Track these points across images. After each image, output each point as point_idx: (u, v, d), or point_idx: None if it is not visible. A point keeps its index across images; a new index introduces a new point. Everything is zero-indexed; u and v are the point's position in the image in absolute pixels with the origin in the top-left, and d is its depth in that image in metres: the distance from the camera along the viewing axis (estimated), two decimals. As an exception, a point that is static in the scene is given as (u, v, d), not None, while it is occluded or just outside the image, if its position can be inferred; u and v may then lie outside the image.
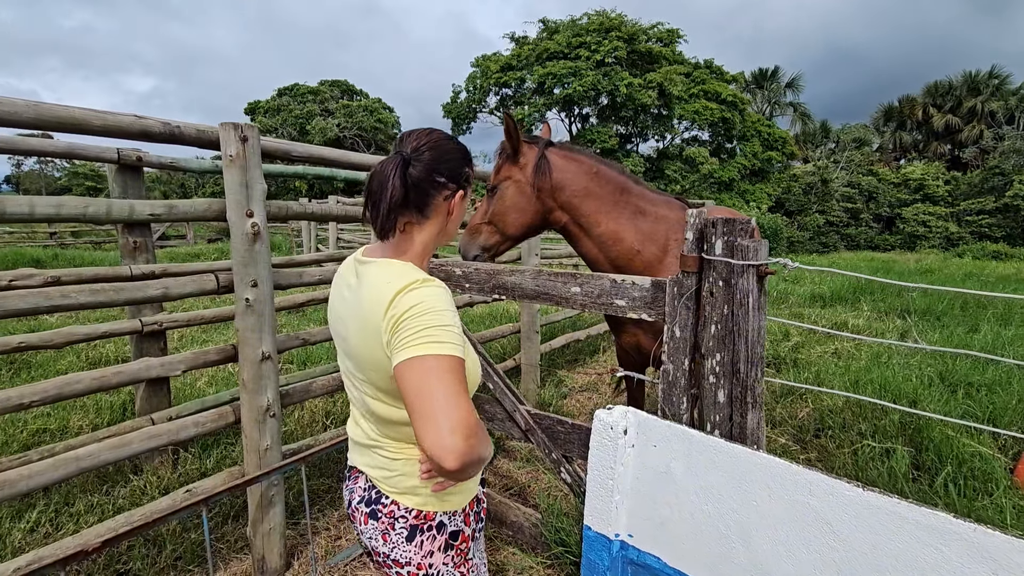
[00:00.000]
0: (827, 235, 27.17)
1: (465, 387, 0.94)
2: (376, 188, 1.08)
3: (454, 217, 1.18)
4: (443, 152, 1.12)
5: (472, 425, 0.89)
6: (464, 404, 0.91)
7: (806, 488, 1.47)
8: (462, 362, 0.96)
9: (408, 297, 0.99)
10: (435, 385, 0.91)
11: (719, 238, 1.66)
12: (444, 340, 0.95)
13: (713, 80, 25.56)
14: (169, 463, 2.80)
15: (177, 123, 1.91)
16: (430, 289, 1.01)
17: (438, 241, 1.19)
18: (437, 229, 1.15)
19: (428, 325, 0.96)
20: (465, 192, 1.17)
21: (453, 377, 0.93)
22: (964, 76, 34.01)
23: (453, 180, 1.13)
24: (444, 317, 0.98)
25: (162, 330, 2.67)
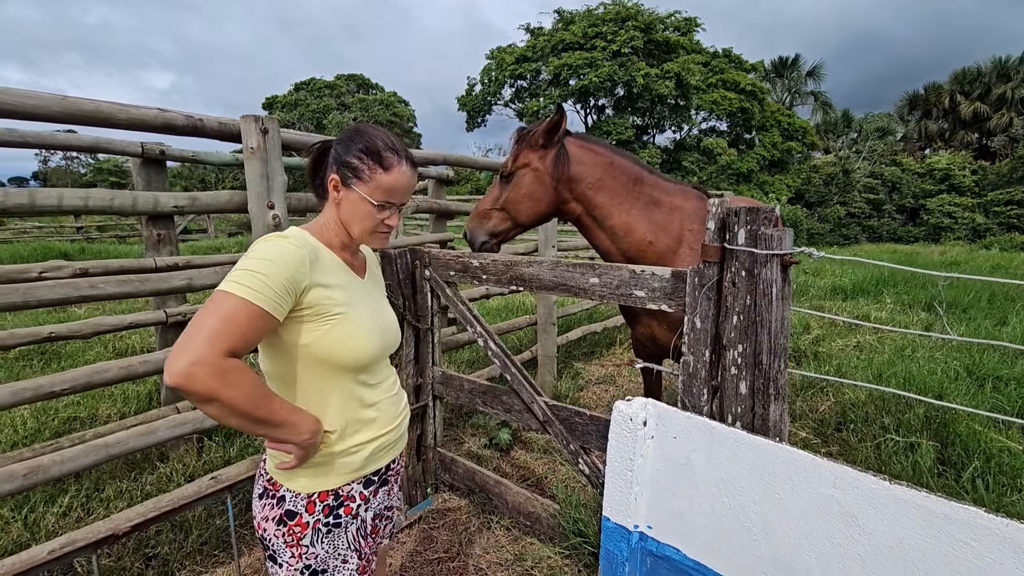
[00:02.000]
0: (848, 227, 26.65)
1: (233, 327, 0.93)
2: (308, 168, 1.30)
3: (343, 207, 1.19)
4: (345, 136, 1.20)
5: (205, 356, 0.88)
6: (207, 334, 0.90)
7: (831, 481, 1.45)
8: (248, 308, 0.95)
9: (255, 245, 1.05)
10: (202, 311, 0.93)
11: (742, 227, 1.64)
12: (237, 280, 0.97)
13: (732, 69, 25.12)
14: (194, 451, 2.86)
15: (199, 116, 1.93)
16: (270, 242, 1.06)
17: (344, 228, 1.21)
18: (332, 211, 1.21)
19: (239, 267, 1.00)
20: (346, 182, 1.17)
21: (220, 311, 0.93)
22: (993, 62, 32.94)
23: (336, 164, 1.18)
24: (256, 263, 0.99)
25: (186, 320, 2.72)
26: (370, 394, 1.26)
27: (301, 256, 1.06)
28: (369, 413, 1.25)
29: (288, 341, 1.11)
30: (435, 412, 2.83)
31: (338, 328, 1.12)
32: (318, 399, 1.17)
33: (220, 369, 0.90)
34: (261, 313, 0.97)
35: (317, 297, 1.10)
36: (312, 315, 1.10)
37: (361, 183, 1.16)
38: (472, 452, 3.31)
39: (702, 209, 2.25)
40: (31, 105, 1.57)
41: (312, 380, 1.15)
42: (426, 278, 2.69)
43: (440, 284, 2.65)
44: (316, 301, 1.10)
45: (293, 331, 1.10)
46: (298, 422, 1.08)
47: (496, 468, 3.14)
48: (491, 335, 2.55)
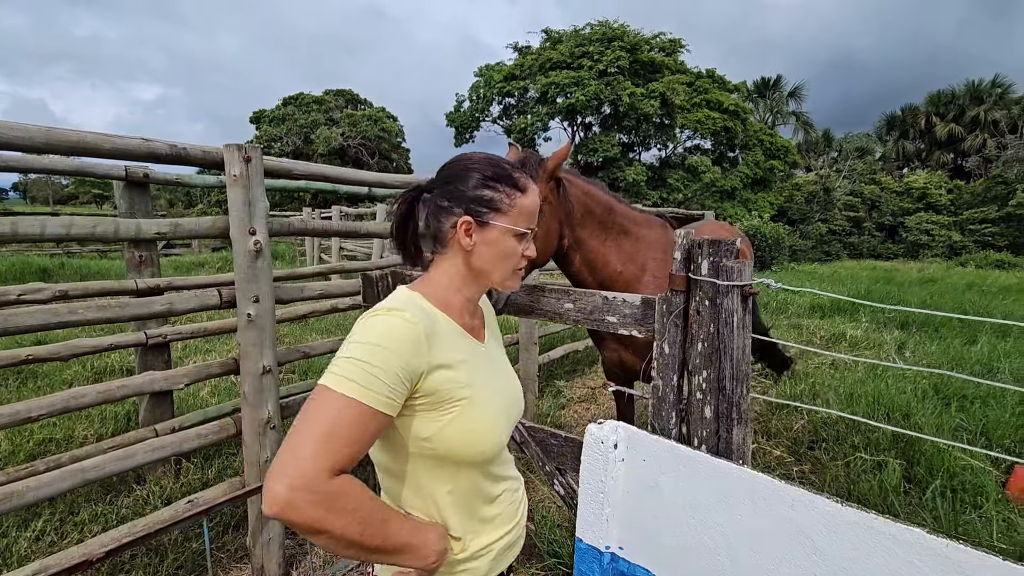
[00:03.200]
0: (830, 244, 27.17)
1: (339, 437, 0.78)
2: (397, 219, 1.04)
3: (478, 252, 1.00)
4: (452, 172, 1.01)
5: (308, 480, 0.74)
6: (309, 449, 0.75)
7: (788, 503, 1.51)
8: (357, 409, 0.80)
9: (361, 324, 0.90)
10: (306, 416, 0.79)
11: (705, 258, 1.71)
12: (342, 374, 0.82)
13: (715, 89, 25.70)
14: (171, 473, 2.85)
15: (183, 145, 1.98)
16: (377, 319, 0.89)
17: (474, 279, 1.03)
18: (459, 261, 1.01)
19: (344, 355, 0.85)
20: (480, 220, 0.99)
21: (323, 416, 0.78)
22: (967, 85, 34.09)
23: (458, 204, 0.99)
24: (363, 350, 0.84)
25: (166, 342, 2.73)
26: (494, 487, 1.07)
27: (416, 334, 0.89)
28: (492, 509, 1.07)
29: (401, 434, 0.94)
30: (415, 433, 2.86)
31: (462, 417, 0.94)
32: (436, 498, 0.98)
33: (325, 495, 0.76)
34: (372, 414, 0.82)
35: (437, 382, 0.92)
36: (431, 404, 0.92)
37: (501, 215, 0.99)
38: (452, 472, 3.34)
39: (664, 237, 2.33)
40: (16, 136, 1.61)
41: (429, 477, 0.97)
42: (407, 300, 2.74)
43: (420, 306, 2.70)
44: (436, 387, 0.92)
45: (407, 423, 0.93)
46: (421, 545, 0.92)
47: (476, 488, 3.16)
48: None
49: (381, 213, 8.10)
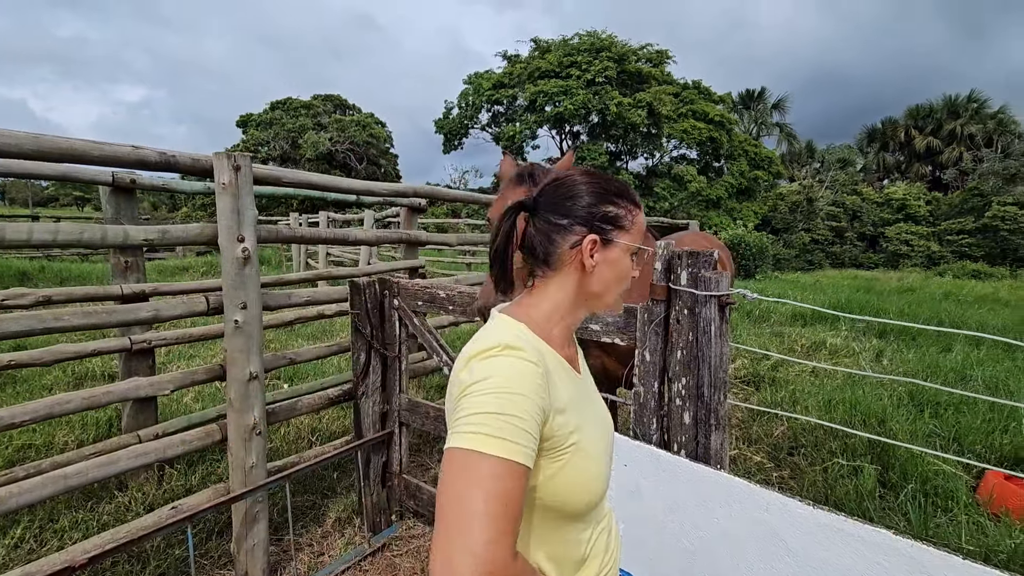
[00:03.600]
0: (813, 253, 27.63)
1: (512, 508, 0.69)
2: (499, 239, 0.93)
3: (597, 273, 0.91)
4: (567, 189, 0.92)
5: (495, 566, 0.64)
6: (491, 528, 0.66)
7: (763, 506, 1.56)
8: (517, 472, 0.71)
9: (478, 367, 0.79)
10: (460, 490, 0.69)
11: (684, 269, 1.77)
12: (492, 433, 0.71)
13: (701, 100, 26.09)
14: (155, 479, 2.84)
15: (172, 152, 2.00)
16: (503, 360, 0.79)
17: (584, 303, 0.95)
18: (571, 285, 0.92)
19: (478, 410, 0.74)
20: (605, 238, 0.90)
21: (489, 485, 0.69)
22: (944, 100, 35.00)
23: (579, 222, 0.90)
24: (505, 402, 0.74)
25: (151, 348, 2.72)
26: (590, 529, 0.96)
27: (539, 375, 0.80)
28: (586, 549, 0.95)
29: None
30: (401, 439, 2.87)
31: (570, 465, 0.85)
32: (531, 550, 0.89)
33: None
34: (525, 472, 0.73)
35: (553, 427, 0.82)
36: (543, 450, 0.82)
37: (624, 233, 0.92)
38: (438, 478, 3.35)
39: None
40: (4, 143, 1.62)
41: (526, 528, 0.87)
42: (395, 307, 2.77)
43: (408, 314, 2.73)
44: (551, 432, 0.82)
45: None
46: None
47: (461, 494, 3.18)
48: (456, 364, 2.63)
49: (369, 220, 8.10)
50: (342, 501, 2.97)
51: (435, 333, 2.71)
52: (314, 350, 2.89)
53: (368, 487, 2.79)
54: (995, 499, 2.78)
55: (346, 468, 3.26)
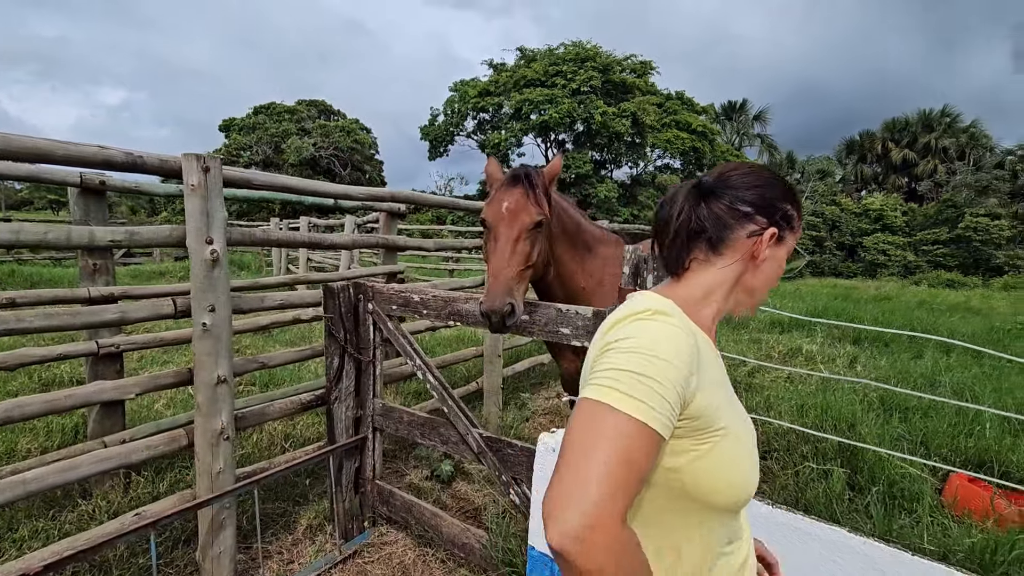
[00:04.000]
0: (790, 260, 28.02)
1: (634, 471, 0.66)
2: (664, 215, 0.92)
3: (762, 268, 0.90)
4: (755, 178, 0.90)
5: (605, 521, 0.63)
6: (608, 481, 0.64)
7: (725, 507, 1.58)
8: (648, 435, 0.69)
9: (624, 327, 0.78)
10: (584, 441, 0.68)
11: (650, 272, 1.80)
12: (627, 391, 0.70)
13: (684, 111, 26.52)
14: (120, 486, 2.78)
15: (140, 153, 1.98)
16: (652, 324, 0.77)
17: (735, 297, 0.92)
18: (731, 273, 0.89)
19: (619, 366, 0.72)
20: (780, 234, 0.89)
21: (615, 441, 0.67)
22: (919, 114, 35.97)
23: (763, 212, 0.88)
24: (644, 362, 0.72)
25: (119, 352, 2.68)
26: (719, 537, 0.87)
27: (690, 346, 0.78)
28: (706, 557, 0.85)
29: None
30: (375, 444, 2.86)
31: (718, 450, 0.80)
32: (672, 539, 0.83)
33: (618, 543, 0.64)
34: (658, 441, 0.70)
35: (702, 404, 0.78)
36: (689, 429, 0.79)
37: (792, 234, 0.92)
38: (414, 484, 3.33)
39: (618, 254, 2.41)
40: (-36, 141, 1.60)
41: (664, 511, 0.82)
42: (369, 311, 2.76)
43: (382, 318, 2.72)
44: (700, 411, 0.78)
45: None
46: None
47: (436, 500, 3.16)
48: (430, 368, 2.63)
49: (349, 225, 8.07)
50: (314, 508, 2.94)
51: (410, 337, 2.71)
52: (286, 354, 2.86)
53: (340, 493, 2.76)
54: (959, 501, 2.84)
55: (319, 474, 3.22)
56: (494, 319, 1.88)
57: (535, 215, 2.00)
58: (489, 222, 2.03)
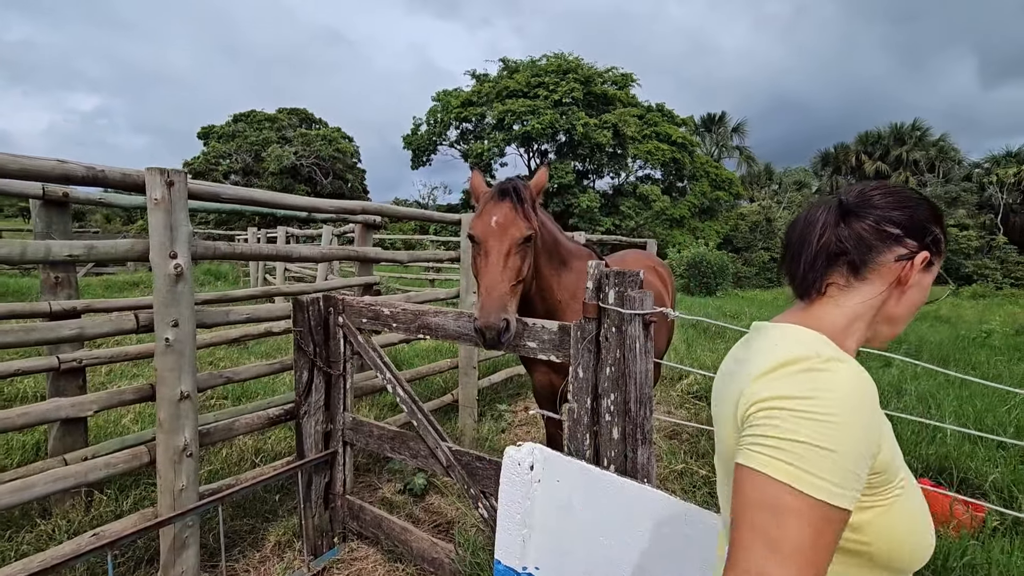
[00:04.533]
0: (772, 271, 28.57)
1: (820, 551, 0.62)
2: (797, 236, 0.87)
3: (907, 295, 0.83)
4: (900, 198, 0.83)
5: None
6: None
7: (683, 518, 1.61)
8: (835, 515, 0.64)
9: (789, 380, 0.70)
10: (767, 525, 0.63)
11: (612, 288, 1.83)
12: (811, 470, 0.63)
13: (664, 123, 26.94)
14: (82, 505, 2.71)
15: (101, 167, 1.96)
16: (830, 377, 0.68)
17: (876, 327, 0.85)
18: (874, 300, 0.82)
19: (797, 436, 0.65)
20: (931, 259, 0.83)
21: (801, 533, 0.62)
22: (891, 127, 37.08)
23: (913, 235, 0.82)
24: (832, 433, 0.64)
25: (81, 367, 2.62)
26: None
27: (874, 398, 0.70)
28: None
29: None
30: (345, 459, 2.83)
31: (900, 506, 0.75)
32: None
33: None
34: (845, 519, 0.65)
35: (885, 460, 0.72)
36: (871, 485, 0.72)
37: (939, 259, 0.85)
38: (386, 498, 3.30)
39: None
40: (-86, 155, 1.57)
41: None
42: (340, 324, 2.74)
43: (353, 331, 2.71)
44: (884, 465, 0.73)
45: None
46: None
47: (408, 514, 3.14)
48: (400, 381, 2.62)
49: (327, 235, 8.02)
50: (283, 524, 2.90)
51: (380, 351, 2.70)
52: (255, 368, 2.83)
53: (309, 509, 2.73)
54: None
55: (289, 490, 3.18)
56: (489, 335, 1.88)
57: (525, 230, 2.00)
58: (478, 237, 2.03)
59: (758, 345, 0.81)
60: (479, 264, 2.02)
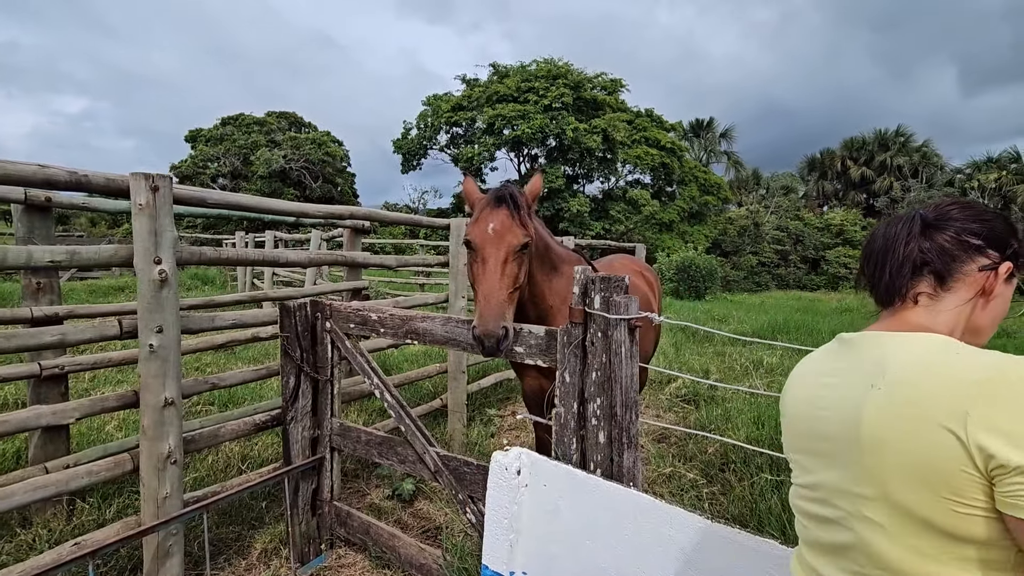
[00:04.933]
0: (760, 275, 28.85)
1: None
2: (879, 247, 0.91)
3: (991, 305, 0.87)
4: (977, 212, 0.88)
5: None
6: None
7: (667, 521, 1.62)
8: None
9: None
10: None
11: (598, 293, 1.84)
12: None
13: (653, 128, 27.12)
14: (63, 514, 2.67)
15: (84, 172, 1.94)
16: None
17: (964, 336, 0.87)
18: (963, 308, 0.86)
19: None
20: (1014, 270, 0.87)
21: None
22: (875, 133, 37.64)
23: (995, 246, 0.86)
24: None
25: (63, 374, 2.59)
26: None
27: None
28: None
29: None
30: (332, 464, 2.82)
31: None
32: None
33: None
34: None
35: None
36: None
37: (1019, 272, 0.89)
38: (374, 504, 3.29)
39: None
40: None
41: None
42: (327, 330, 2.74)
43: (340, 336, 2.70)
44: None
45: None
46: None
47: (397, 520, 3.13)
48: (388, 387, 2.62)
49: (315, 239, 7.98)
50: (270, 531, 2.87)
51: (368, 356, 2.69)
52: (241, 374, 2.81)
53: (296, 515, 2.71)
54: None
55: (276, 497, 3.15)
56: (488, 343, 1.88)
57: (522, 237, 2.00)
58: (475, 244, 2.02)
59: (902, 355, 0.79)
60: (476, 271, 2.03)
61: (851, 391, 0.82)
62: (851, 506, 0.80)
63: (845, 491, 0.81)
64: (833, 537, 0.84)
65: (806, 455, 0.91)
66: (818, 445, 0.87)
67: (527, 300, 2.32)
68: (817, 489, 0.87)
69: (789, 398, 0.97)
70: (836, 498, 0.83)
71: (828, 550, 0.86)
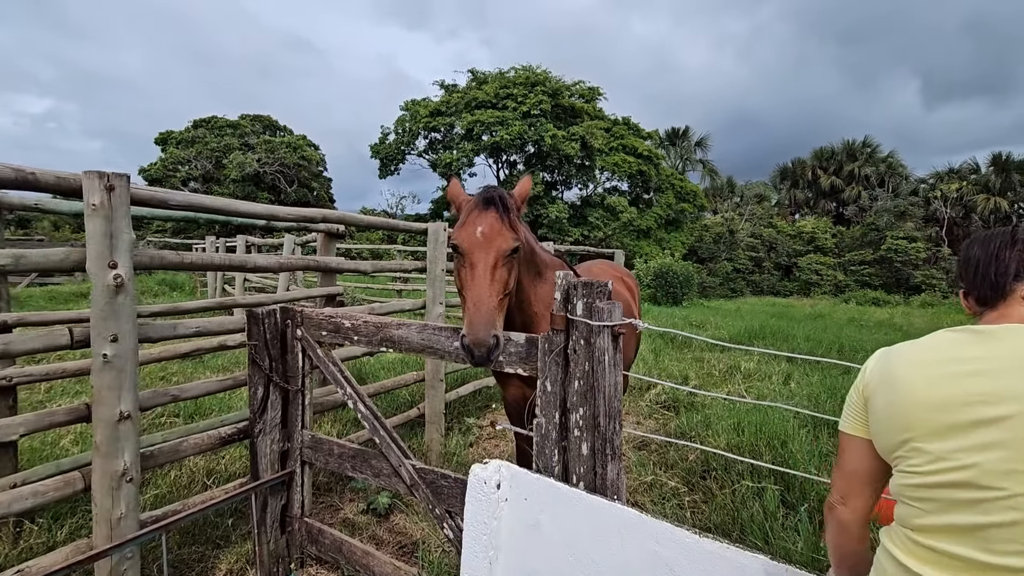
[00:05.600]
0: (735, 281, 29.33)
1: None
2: (983, 254, 1.10)
3: None
4: None
5: None
6: None
7: (653, 536, 1.56)
8: None
9: None
10: None
11: (580, 299, 1.78)
12: None
13: (631, 136, 27.44)
14: (9, 537, 2.49)
15: (31, 170, 1.81)
16: None
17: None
18: None
19: None
20: None
21: None
22: (844, 144, 38.74)
23: None
24: None
25: (11, 386, 2.43)
26: None
27: None
28: None
29: None
30: (303, 479, 2.69)
31: None
32: None
33: None
34: None
35: None
36: None
37: None
38: (348, 519, 3.16)
39: None
40: None
41: None
42: (298, 338, 2.62)
43: (312, 344, 2.59)
44: None
45: None
46: None
47: (372, 536, 3.01)
48: (361, 397, 2.51)
49: (288, 244, 7.78)
50: (236, 550, 2.73)
51: (340, 365, 2.59)
52: (204, 385, 2.67)
53: (264, 533, 2.57)
54: (882, 515, 2.95)
55: (244, 513, 3.00)
56: (478, 353, 1.78)
57: (512, 241, 1.93)
58: (463, 247, 1.92)
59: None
60: (464, 276, 1.93)
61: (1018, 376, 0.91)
62: (1020, 486, 0.87)
63: (1011, 471, 0.88)
64: (986, 518, 0.89)
65: (946, 440, 0.94)
66: (974, 430, 0.92)
67: (513, 306, 2.23)
68: (964, 471, 0.91)
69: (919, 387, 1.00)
70: (998, 480, 0.88)
71: (970, 531, 0.91)
